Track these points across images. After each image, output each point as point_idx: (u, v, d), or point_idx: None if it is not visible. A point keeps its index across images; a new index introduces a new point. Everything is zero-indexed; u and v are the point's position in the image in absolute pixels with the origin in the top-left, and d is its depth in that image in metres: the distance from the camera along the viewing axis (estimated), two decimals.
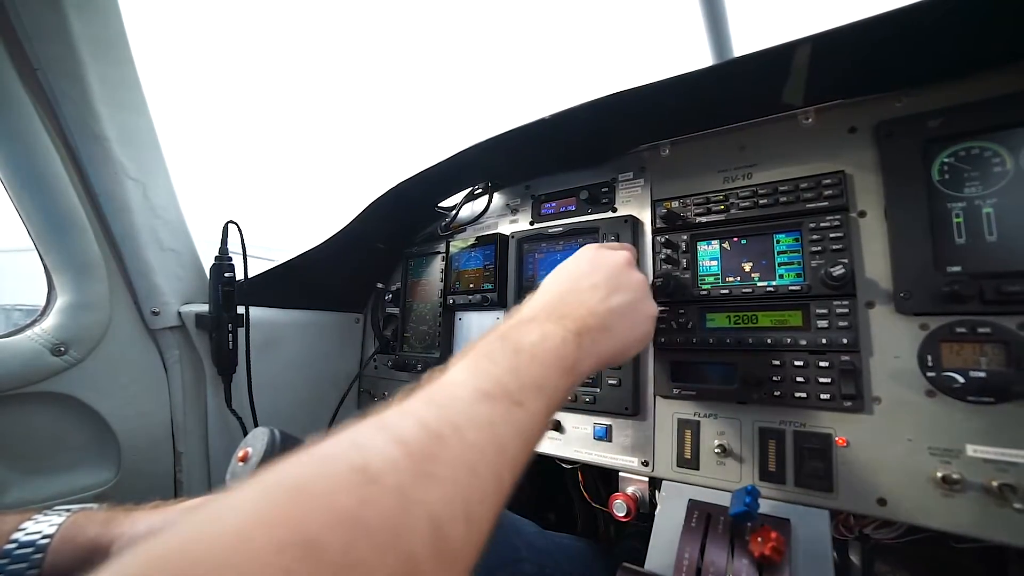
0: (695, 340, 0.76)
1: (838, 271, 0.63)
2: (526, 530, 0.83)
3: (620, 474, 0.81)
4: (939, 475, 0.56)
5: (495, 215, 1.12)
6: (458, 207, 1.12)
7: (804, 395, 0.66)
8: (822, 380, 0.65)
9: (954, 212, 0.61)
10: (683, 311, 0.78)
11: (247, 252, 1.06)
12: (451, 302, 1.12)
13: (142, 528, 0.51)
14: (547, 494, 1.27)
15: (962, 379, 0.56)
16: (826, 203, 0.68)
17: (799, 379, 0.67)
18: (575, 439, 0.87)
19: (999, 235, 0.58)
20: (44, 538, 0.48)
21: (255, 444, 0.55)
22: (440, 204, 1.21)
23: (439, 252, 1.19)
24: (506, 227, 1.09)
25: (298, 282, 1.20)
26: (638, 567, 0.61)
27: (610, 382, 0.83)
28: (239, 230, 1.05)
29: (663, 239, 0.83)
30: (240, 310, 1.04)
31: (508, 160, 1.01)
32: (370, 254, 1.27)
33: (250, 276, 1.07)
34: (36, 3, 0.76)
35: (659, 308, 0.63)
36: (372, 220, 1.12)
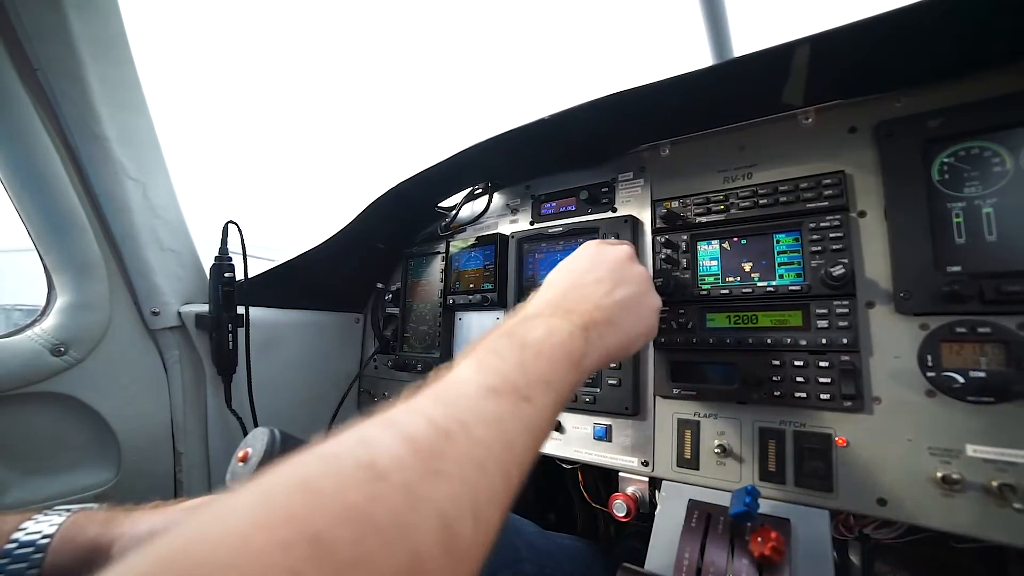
0: (695, 340, 0.76)
1: (838, 271, 0.63)
2: (526, 530, 0.83)
3: (620, 474, 0.81)
4: (939, 475, 0.56)
5: (495, 215, 1.12)
6: (458, 207, 1.12)
7: (804, 395, 0.66)
8: (822, 380, 0.65)
9: (954, 212, 0.61)
10: (683, 311, 0.78)
11: (247, 252, 1.06)
12: (451, 302, 1.12)
13: (142, 528, 0.51)
14: (547, 494, 1.27)
15: (962, 379, 0.57)
16: (826, 203, 0.68)
17: (799, 379, 0.67)
18: (575, 439, 0.87)
19: (999, 235, 0.58)
20: (44, 538, 0.48)
21: (255, 444, 0.55)
22: (440, 204, 1.21)
23: (439, 252, 1.19)
24: (506, 227, 1.09)
25: (298, 282, 1.20)
26: (638, 567, 0.61)
27: (610, 382, 0.83)
28: (239, 230, 1.05)
29: (663, 239, 0.83)
30: (240, 310, 1.04)
31: (508, 160, 1.01)
32: (370, 254, 1.27)
33: (250, 276, 1.07)
34: (36, 3, 0.76)
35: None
36: (372, 220, 1.12)
